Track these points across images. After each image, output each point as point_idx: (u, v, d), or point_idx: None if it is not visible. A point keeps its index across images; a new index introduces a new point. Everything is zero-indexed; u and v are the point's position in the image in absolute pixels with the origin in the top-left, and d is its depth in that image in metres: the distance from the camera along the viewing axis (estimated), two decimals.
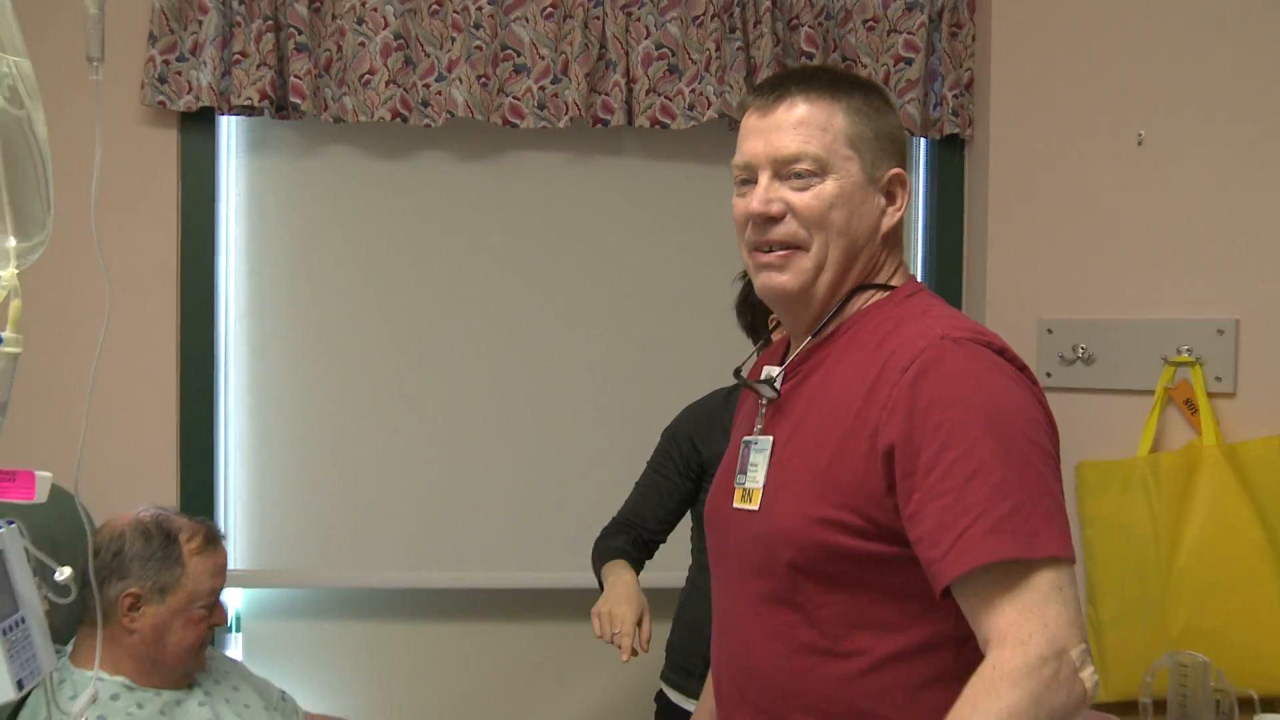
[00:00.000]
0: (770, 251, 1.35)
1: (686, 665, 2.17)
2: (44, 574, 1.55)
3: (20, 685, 1.34)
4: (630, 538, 2.16)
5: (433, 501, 2.81)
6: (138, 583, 1.84)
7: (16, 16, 1.28)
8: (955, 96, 2.64)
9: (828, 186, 1.32)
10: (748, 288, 2.05)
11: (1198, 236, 2.42)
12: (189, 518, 1.99)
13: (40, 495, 1.39)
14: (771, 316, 2.01)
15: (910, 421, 1.20)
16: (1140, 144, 2.45)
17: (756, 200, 1.33)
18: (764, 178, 1.34)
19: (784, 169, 1.33)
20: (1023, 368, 1.29)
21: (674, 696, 2.20)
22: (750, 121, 1.37)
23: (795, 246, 1.34)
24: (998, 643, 1.13)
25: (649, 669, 2.26)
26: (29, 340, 1.34)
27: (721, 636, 1.44)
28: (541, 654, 2.91)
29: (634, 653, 1.89)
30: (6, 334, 1.31)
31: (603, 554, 2.13)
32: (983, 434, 1.18)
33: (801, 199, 1.32)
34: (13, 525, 1.42)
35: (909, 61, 2.62)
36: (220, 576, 1.97)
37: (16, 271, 1.30)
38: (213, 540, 1.96)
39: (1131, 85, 2.48)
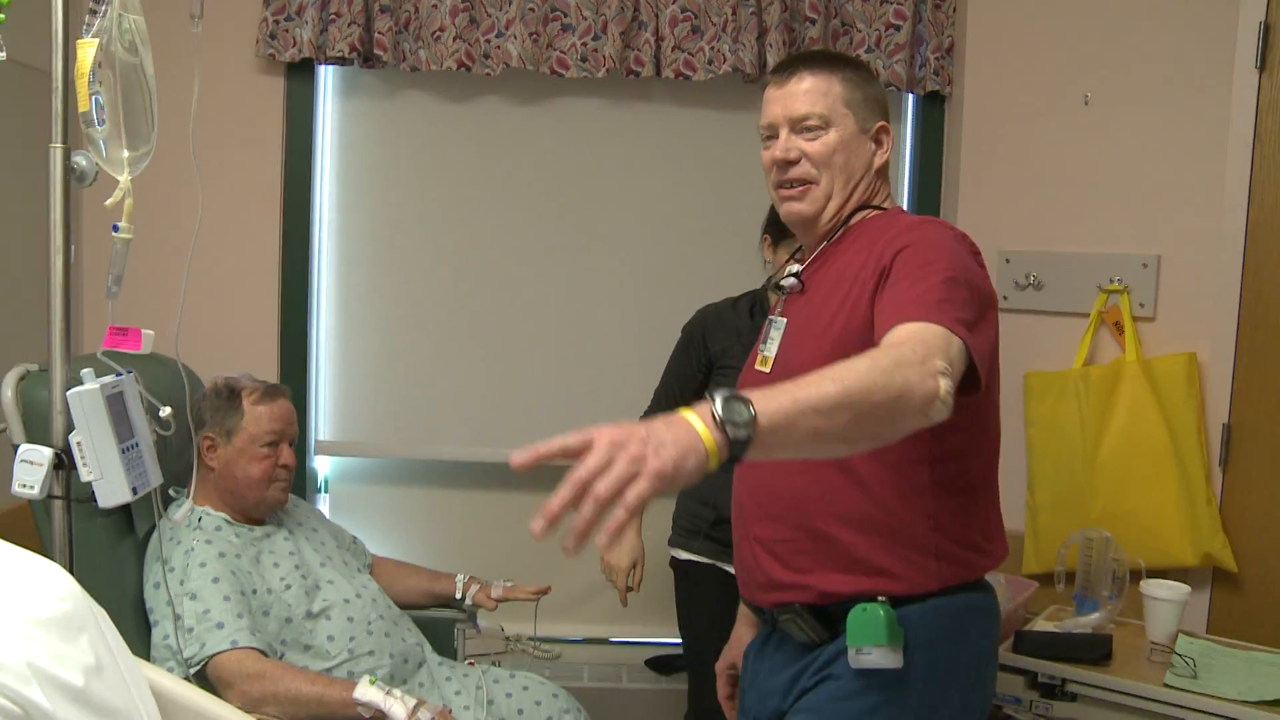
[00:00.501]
0: (792, 187, 1.74)
1: (690, 527, 2.59)
2: (153, 414, 2.02)
3: (134, 491, 1.79)
4: None
5: (488, 388, 3.19)
6: (211, 429, 2.24)
7: None
8: (937, 58, 2.96)
9: (831, 136, 1.71)
10: (772, 213, 2.40)
11: (1130, 183, 2.72)
12: (257, 380, 2.32)
13: (145, 348, 1.82)
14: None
15: (892, 260, 1.56)
16: (1086, 104, 2.76)
17: (779, 149, 1.72)
18: (783, 133, 1.72)
19: (797, 125, 1.71)
20: (974, 248, 1.69)
21: (681, 554, 2.61)
22: (770, 93, 1.75)
23: (809, 182, 1.72)
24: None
25: (662, 536, 2.69)
26: (166, 239, 1.73)
27: (742, 480, 1.76)
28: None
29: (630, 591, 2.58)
30: (122, 224, 1.75)
31: None
32: (935, 254, 1.55)
33: (812, 146, 1.71)
34: (130, 374, 1.87)
35: (898, 28, 2.94)
36: (277, 422, 2.27)
37: (130, 177, 1.74)
38: (270, 394, 2.28)
39: (1081, 54, 2.77)
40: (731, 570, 1.89)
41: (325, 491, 3.24)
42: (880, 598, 1.57)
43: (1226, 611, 2.60)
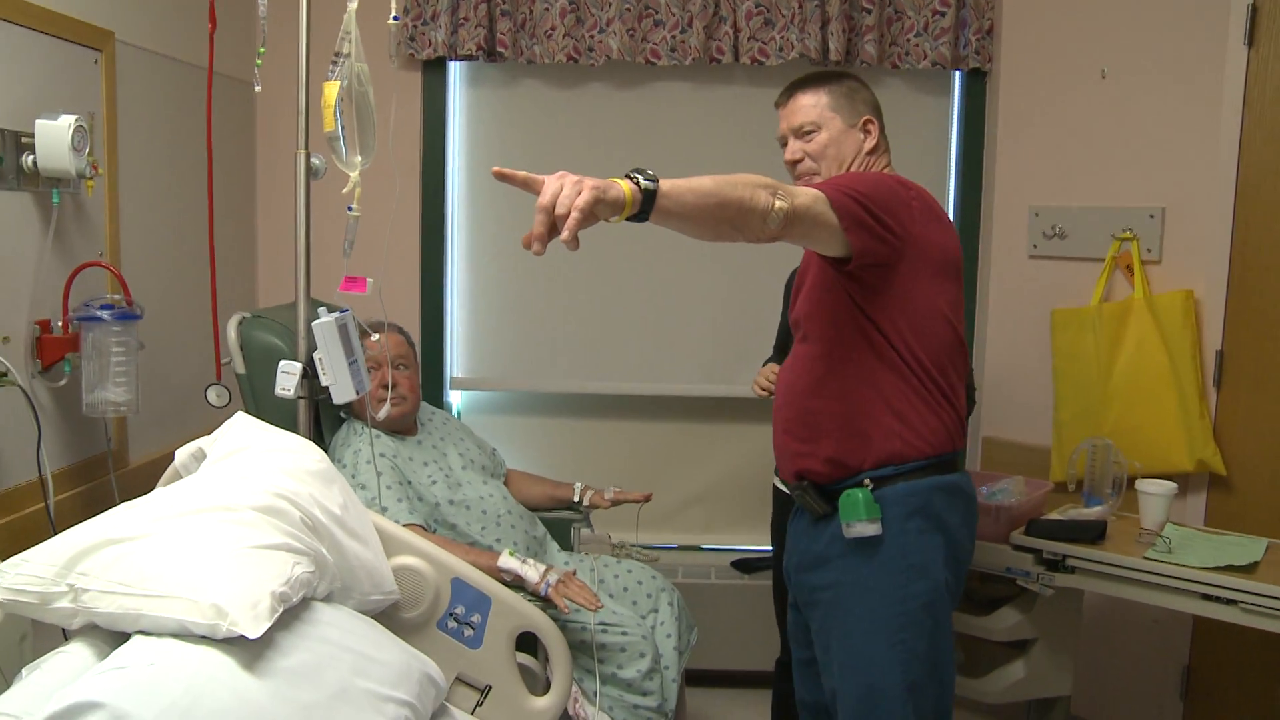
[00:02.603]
0: (801, 180, 2.24)
1: None
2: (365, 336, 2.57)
3: (357, 391, 2.36)
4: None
5: (595, 331, 3.68)
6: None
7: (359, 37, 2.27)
8: (978, 39, 3.36)
9: (822, 135, 2.23)
10: None
11: (1139, 145, 3.09)
12: (383, 322, 2.64)
13: (369, 291, 2.39)
14: None
15: None
16: (1104, 77, 3.14)
17: (787, 154, 2.29)
18: (790, 141, 2.28)
19: (798, 133, 2.26)
20: (907, 184, 2.07)
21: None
22: (779, 112, 2.31)
23: (813, 173, 2.24)
24: None
25: (758, 465, 3.13)
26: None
27: (779, 388, 2.25)
28: (673, 446, 3.76)
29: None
30: (355, 206, 2.33)
31: None
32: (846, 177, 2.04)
33: (809, 146, 2.25)
34: (349, 311, 2.46)
35: (943, 13, 3.36)
36: (375, 349, 2.68)
37: (358, 173, 2.32)
38: (371, 329, 2.64)
39: (1099, 34, 3.15)
40: None
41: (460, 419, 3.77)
42: (866, 481, 2.06)
43: (1221, 509, 3.03)
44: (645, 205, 1.60)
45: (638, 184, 1.58)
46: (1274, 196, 2.88)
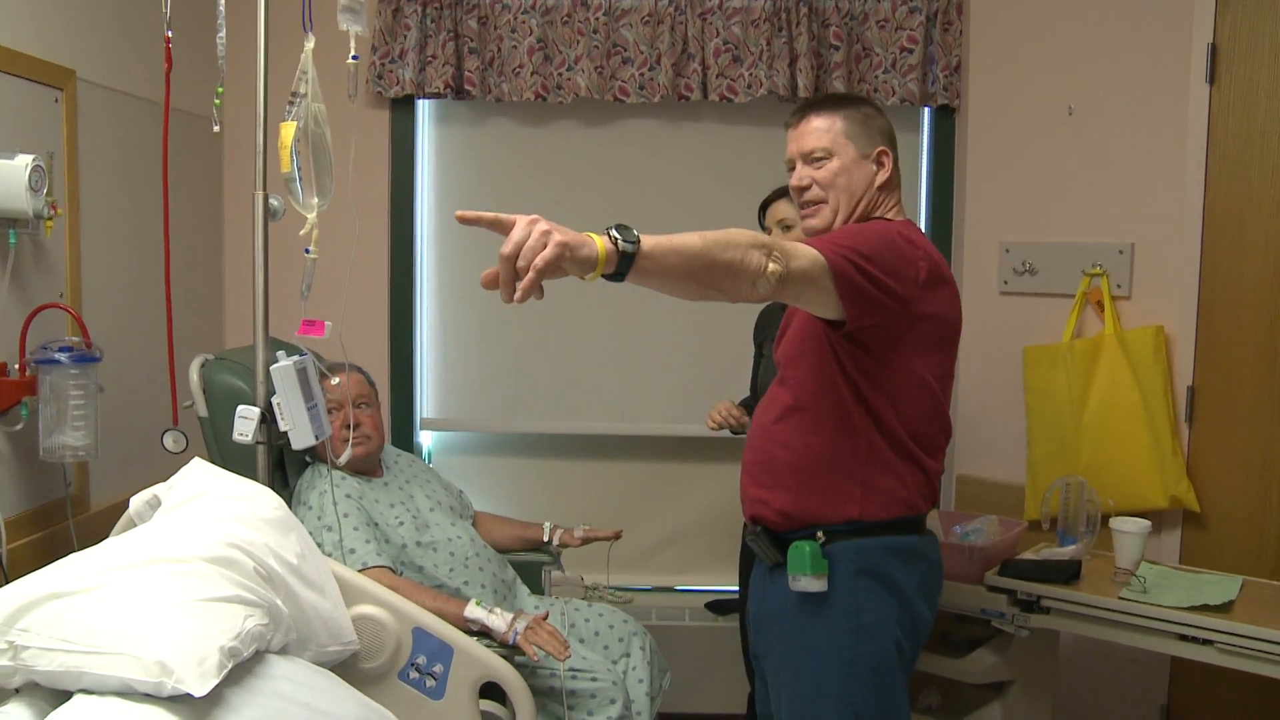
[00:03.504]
0: (807, 207, 2.10)
1: None
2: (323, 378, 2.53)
3: (316, 437, 2.32)
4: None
5: (566, 371, 3.66)
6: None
7: (315, 77, 2.24)
8: (946, 76, 3.38)
9: (833, 164, 2.05)
10: None
11: (1107, 182, 3.09)
12: (342, 363, 2.62)
13: (327, 334, 2.36)
14: None
15: None
16: (1071, 114, 3.15)
17: (794, 179, 2.10)
18: (798, 165, 2.09)
19: (807, 158, 2.07)
20: (914, 239, 1.95)
21: None
22: (789, 133, 2.12)
23: (820, 202, 2.07)
24: None
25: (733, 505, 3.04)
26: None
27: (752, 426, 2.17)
28: (647, 486, 3.73)
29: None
30: (311, 248, 2.30)
31: None
32: (854, 229, 1.93)
33: (818, 174, 2.06)
34: (309, 355, 2.43)
35: (910, 50, 3.37)
36: (334, 391, 2.65)
37: (315, 215, 2.29)
38: (330, 370, 2.64)
39: (1066, 71, 3.16)
40: None
41: (430, 462, 3.74)
42: (819, 535, 1.97)
43: (1195, 546, 3.01)
44: (622, 266, 1.49)
45: (615, 244, 1.48)
46: (1240, 231, 2.89)
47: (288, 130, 2.01)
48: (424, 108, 3.63)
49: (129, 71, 2.92)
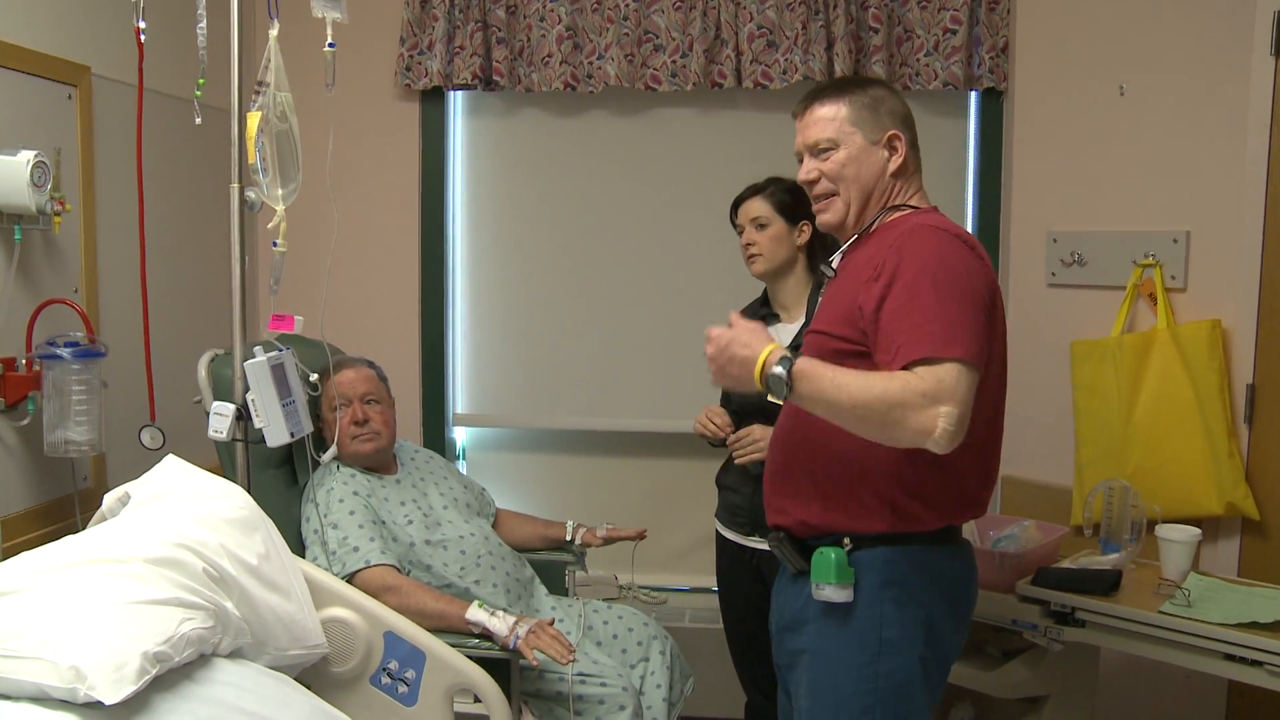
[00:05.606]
0: (819, 200, 2.00)
1: (728, 507, 2.91)
2: (304, 380, 2.49)
3: (292, 434, 2.26)
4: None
5: (600, 366, 3.59)
6: (323, 396, 2.67)
7: (282, 65, 2.18)
8: (992, 58, 3.21)
9: (840, 154, 1.94)
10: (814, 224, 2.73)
11: (1161, 166, 2.91)
12: (355, 358, 2.69)
13: (296, 329, 2.30)
14: None
15: (890, 273, 1.77)
16: (1122, 94, 2.97)
17: (801, 173, 2.00)
18: (805, 158, 1.99)
19: (813, 150, 1.96)
20: (974, 246, 1.84)
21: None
22: (796, 124, 2.00)
23: (830, 195, 1.97)
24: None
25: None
26: (324, 247, 2.19)
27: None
28: (683, 483, 3.62)
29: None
30: (280, 241, 2.25)
31: None
32: (924, 283, 1.75)
33: (825, 166, 1.95)
34: (289, 350, 2.38)
35: (954, 32, 3.21)
36: (344, 386, 2.62)
37: (284, 206, 2.23)
38: (340, 365, 2.63)
39: (1116, 48, 2.98)
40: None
41: (463, 458, 3.71)
42: (845, 541, 1.86)
43: (1255, 557, 2.80)
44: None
45: (766, 382, 1.73)
46: None
47: (252, 120, 1.96)
48: (455, 100, 3.58)
49: (146, 66, 2.90)
